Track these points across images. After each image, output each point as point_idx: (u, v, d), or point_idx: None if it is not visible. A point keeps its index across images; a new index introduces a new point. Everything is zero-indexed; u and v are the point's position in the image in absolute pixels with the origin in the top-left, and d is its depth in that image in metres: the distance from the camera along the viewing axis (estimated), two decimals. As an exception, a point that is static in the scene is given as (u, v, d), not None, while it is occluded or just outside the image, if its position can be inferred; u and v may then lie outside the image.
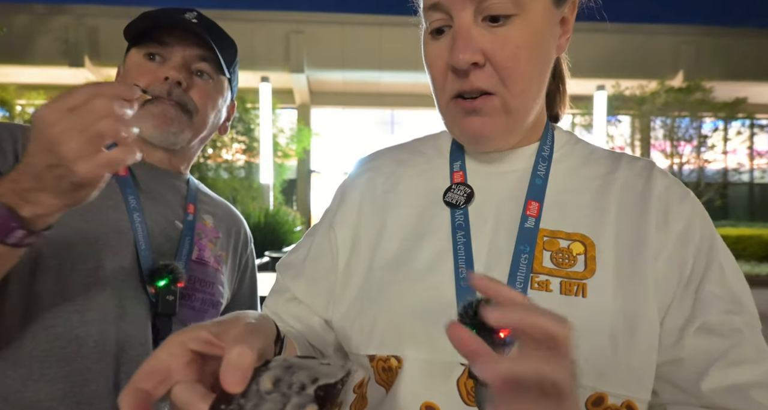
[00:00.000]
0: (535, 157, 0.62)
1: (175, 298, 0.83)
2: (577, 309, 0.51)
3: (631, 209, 0.57)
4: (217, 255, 0.97)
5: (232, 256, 1.01)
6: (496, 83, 0.54)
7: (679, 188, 0.60)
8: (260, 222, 7.78)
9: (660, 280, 0.54)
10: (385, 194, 0.66)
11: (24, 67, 10.80)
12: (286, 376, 0.36)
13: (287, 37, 11.66)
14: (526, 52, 0.54)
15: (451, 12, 0.54)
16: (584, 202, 0.58)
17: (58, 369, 0.73)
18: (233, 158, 10.68)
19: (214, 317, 0.90)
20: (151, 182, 0.91)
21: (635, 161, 0.62)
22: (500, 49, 0.53)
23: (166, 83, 0.86)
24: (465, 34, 0.53)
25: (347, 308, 0.61)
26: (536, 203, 0.57)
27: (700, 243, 0.56)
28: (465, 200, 0.60)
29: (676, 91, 11.06)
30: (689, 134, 11.66)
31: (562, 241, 0.55)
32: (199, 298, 0.90)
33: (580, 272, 0.53)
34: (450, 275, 0.55)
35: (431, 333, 0.52)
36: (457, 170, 0.63)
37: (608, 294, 0.52)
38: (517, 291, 0.38)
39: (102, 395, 0.75)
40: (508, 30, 0.53)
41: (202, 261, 0.93)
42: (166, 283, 0.81)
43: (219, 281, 0.95)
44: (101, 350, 0.76)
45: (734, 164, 12.78)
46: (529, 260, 0.54)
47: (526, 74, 0.55)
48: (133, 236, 0.82)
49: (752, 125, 12.90)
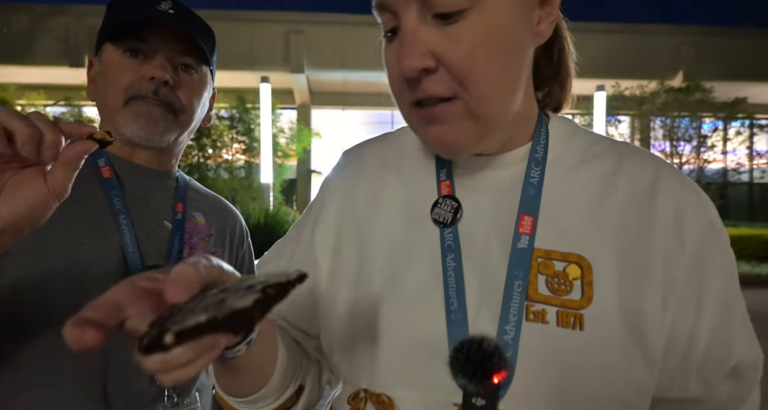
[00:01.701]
0: (528, 161, 0.55)
1: None
2: (574, 344, 0.47)
3: (635, 227, 0.50)
4: (210, 253, 0.94)
5: (228, 252, 1.00)
6: (455, 87, 0.47)
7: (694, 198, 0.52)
8: (260, 222, 7.77)
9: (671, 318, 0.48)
10: (368, 206, 0.60)
11: (24, 67, 10.78)
12: (237, 284, 0.35)
13: (287, 37, 11.65)
14: (484, 51, 0.46)
15: (396, 11, 0.48)
16: (582, 212, 0.52)
17: (48, 374, 0.73)
18: (233, 158, 10.68)
19: None
20: (137, 182, 0.88)
21: (640, 161, 0.54)
22: (452, 50, 0.46)
23: (152, 82, 0.83)
24: (410, 36, 0.46)
25: (337, 337, 0.57)
26: (530, 218, 0.51)
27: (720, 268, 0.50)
28: (452, 216, 0.54)
29: (676, 92, 11.06)
30: (689, 134, 11.65)
31: (558, 263, 0.49)
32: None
33: (576, 300, 0.48)
34: (440, 305, 0.50)
35: (423, 373, 0.50)
36: (444, 179, 0.57)
37: (607, 326, 0.47)
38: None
39: (94, 398, 0.75)
40: (461, 27, 0.46)
41: None
42: None
43: None
44: (90, 354, 0.74)
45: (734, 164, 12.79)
46: (523, 288, 0.48)
47: (487, 76, 0.47)
48: (119, 240, 0.81)
49: (752, 125, 12.90)
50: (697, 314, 0.49)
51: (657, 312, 0.48)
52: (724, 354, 0.49)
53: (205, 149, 9.99)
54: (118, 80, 0.84)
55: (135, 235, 0.82)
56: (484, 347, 0.45)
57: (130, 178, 0.88)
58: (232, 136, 10.49)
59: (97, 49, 0.89)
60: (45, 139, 0.50)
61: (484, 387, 0.45)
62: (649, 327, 0.47)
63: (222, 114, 10.44)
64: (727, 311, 0.50)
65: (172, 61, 0.86)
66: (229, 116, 10.52)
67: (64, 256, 0.75)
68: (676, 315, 0.48)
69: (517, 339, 0.47)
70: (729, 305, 0.50)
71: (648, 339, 0.47)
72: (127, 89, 0.84)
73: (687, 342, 0.49)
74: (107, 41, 0.86)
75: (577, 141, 0.57)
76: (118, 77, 0.84)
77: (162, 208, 0.90)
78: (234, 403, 0.57)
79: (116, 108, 0.84)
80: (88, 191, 0.81)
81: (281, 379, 0.56)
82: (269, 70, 11.24)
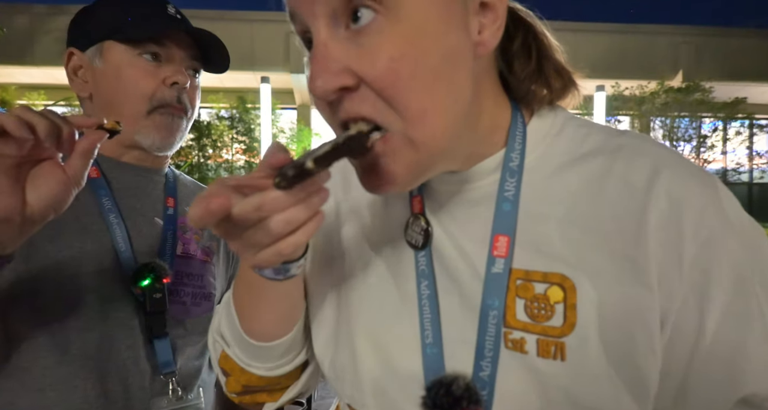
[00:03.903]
0: (501, 171, 0.48)
1: (163, 295, 0.81)
2: (555, 376, 0.43)
3: (626, 236, 0.43)
4: (205, 247, 0.94)
5: (224, 244, 0.99)
6: (381, 108, 0.41)
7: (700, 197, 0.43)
8: (260, 222, 7.78)
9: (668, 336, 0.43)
10: (348, 213, 0.59)
11: (24, 67, 10.78)
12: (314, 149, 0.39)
13: (287, 37, 11.64)
14: (407, 64, 0.39)
15: (305, 22, 0.42)
16: (564, 225, 0.45)
17: (45, 377, 0.72)
18: (233, 158, 10.68)
19: (207, 309, 0.91)
20: (125, 180, 0.88)
21: (636, 157, 0.46)
22: (370, 65, 0.39)
23: (174, 88, 0.84)
24: (321, 51, 0.40)
25: (323, 343, 0.57)
26: (505, 238, 0.46)
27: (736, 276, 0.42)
28: (423, 239, 0.50)
29: (676, 92, 11.05)
30: (689, 134, 11.65)
31: (538, 285, 0.44)
32: (188, 292, 0.88)
33: (557, 327, 0.43)
34: (415, 336, 0.48)
35: (397, 403, 0.49)
36: (416, 195, 0.53)
37: (590, 355, 0.42)
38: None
39: (91, 400, 0.74)
40: (375, 39, 0.39)
41: (188, 255, 0.90)
42: (150, 282, 0.79)
43: (209, 273, 0.93)
44: (86, 356, 0.75)
45: (733, 164, 12.79)
46: (498, 318, 0.45)
47: (417, 92, 0.40)
48: (111, 240, 0.80)
49: (752, 125, 12.89)
50: (697, 333, 0.42)
51: (652, 332, 0.42)
52: (731, 380, 0.42)
53: (205, 149, 9.99)
54: (137, 85, 0.83)
55: (127, 234, 0.82)
56: (453, 390, 0.43)
57: (118, 176, 0.87)
58: (233, 136, 10.49)
59: (89, 42, 0.85)
60: (63, 132, 0.54)
61: None
62: (640, 351, 0.42)
63: (222, 114, 10.45)
64: (738, 330, 0.42)
65: (186, 66, 0.87)
66: (229, 116, 10.52)
67: (55, 260, 0.75)
68: (674, 334, 0.42)
69: (494, 374, 0.44)
70: (742, 323, 0.42)
71: (639, 365, 0.42)
72: (151, 97, 0.83)
73: (686, 364, 0.43)
74: (111, 39, 0.83)
75: (562, 139, 0.50)
76: (137, 81, 0.83)
77: (152, 204, 0.90)
78: (247, 358, 0.57)
79: (137, 115, 0.83)
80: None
81: (298, 337, 0.58)
82: (269, 70, 11.23)
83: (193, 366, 0.88)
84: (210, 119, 10.28)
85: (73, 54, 0.87)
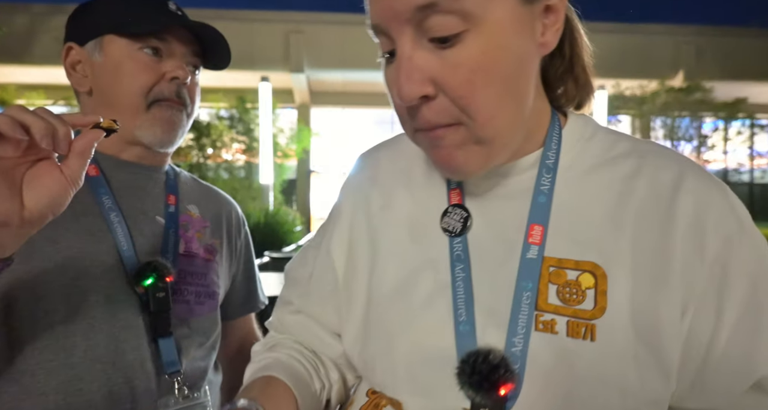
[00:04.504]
0: (539, 168, 0.53)
1: (167, 294, 0.80)
2: (584, 355, 0.46)
3: (653, 231, 0.48)
4: (207, 245, 0.93)
5: (226, 242, 0.98)
6: (457, 114, 0.46)
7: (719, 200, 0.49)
8: (260, 222, 7.77)
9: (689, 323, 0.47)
10: (380, 210, 0.61)
11: (24, 67, 10.77)
12: None
13: (287, 37, 11.64)
14: (483, 75, 0.44)
15: (391, 36, 0.46)
16: (597, 218, 0.50)
17: (49, 381, 0.71)
18: (233, 158, 10.67)
19: (211, 308, 0.91)
20: (125, 178, 0.86)
21: (663, 162, 0.51)
22: (451, 76, 0.44)
23: (173, 83, 0.83)
24: (406, 64, 0.45)
25: (353, 338, 0.59)
26: (539, 227, 0.50)
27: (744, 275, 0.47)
28: (462, 226, 0.54)
29: (676, 91, 11.05)
30: (689, 133, 11.65)
31: (570, 272, 0.48)
32: (192, 291, 0.87)
33: (588, 310, 0.47)
34: (449, 316, 0.51)
35: (431, 381, 0.50)
36: (454, 188, 0.57)
37: (620, 336, 0.46)
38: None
39: (97, 404, 0.73)
40: (459, 52, 0.44)
41: (190, 253, 0.89)
42: (153, 281, 0.78)
43: (213, 272, 0.92)
44: (90, 358, 0.74)
45: (734, 164, 12.78)
46: (531, 299, 0.48)
47: (488, 99, 0.45)
48: (113, 238, 0.79)
49: (752, 125, 12.88)
50: (716, 322, 0.46)
51: (674, 319, 0.46)
52: (745, 365, 0.47)
53: (204, 149, 9.99)
54: (137, 79, 0.82)
55: (128, 232, 0.81)
56: (490, 359, 0.45)
57: (118, 174, 0.85)
58: (232, 136, 10.48)
59: (88, 36, 0.84)
60: (58, 132, 0.53)
61: (491, 399, 0.45)
62: (665, 335, 0.46)
63: (222, 114, 10.44)
64: (753, 320, 0.46)
65: (187, 61, 0.86)
66: (229, 116, 10.51)
67: (57, 261, 0.74)
68: (693, 322, 0.46)
69: (525, 350, 0.47)
70: (756, 315, 0.46)
71: (664, 347, 0.46)
72: (149, 91, 0.82)
73: (705, 350, 0.47)
74: (111, 33, 0.83)
75: (594, 144, 0.55)
76: (136, 75, 0.82)
77: (153, 202, 0.88)
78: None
79: (136, 110, 0.82)
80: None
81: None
82: (269, 70, 11.23)
83: (199, 366, 0.87)
84: (209, 118, 10.26)
85: (72, 48, 0.86)
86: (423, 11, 0.43)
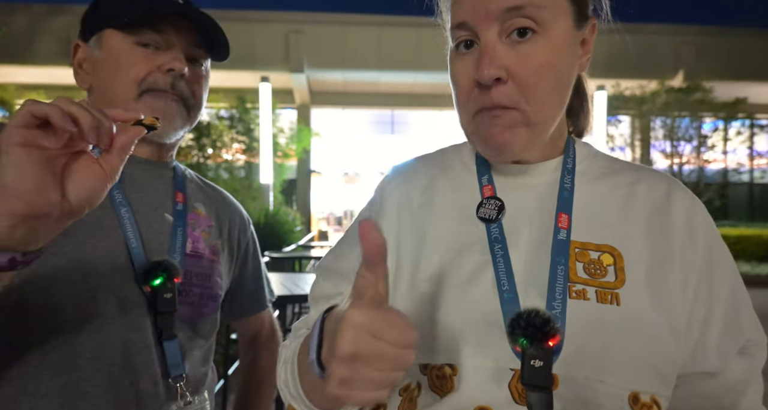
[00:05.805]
0: (561, 170, 0.64)
1: (174, 295, 0.78)
2: (612, 317, 0.55)
3: (655, 225, 0.60)
4: (212, 245, 0.91)
5: (228, 243, 0.96)
6: (517, 99, 0.57)
7: (701, 208, 0.63)
8: (260, 222, 7.76)
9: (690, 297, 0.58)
10: (422, 207, 0.68)
11: (24, 67, 10.79)
12: None
13: (287, 37, 11.65)
14: (547, 70, 0.56)
15: (477, 31, 0.57)
16: (610, 213, 0.61)
17: (52, 382, 0.69)
18: (233, 158, 10.66)
19: (213, 310, 0.90)
20: (133, 174, 0.83)
21: (655, 176, 0.65)
22: (523, 66, 0.56)
23: (169, 75, 0.80)
24: (491, 51, 0.56)
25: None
26: (566, 216, 0.60)
27: (725, 262, 0.61)
28: (497, 213, 0.62)
29: (676, 91, 11.06)
30: (689, 134, 11.65)
31: (592, 252, 0.58)
32: (197, 293, 0.85)
33: (611, 282, 0.56)
34: (492, 287, 0.58)
35: (481, 342, 0.56)
36: (486, 184, 0.66)
37: (639, 304, 0.55)
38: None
39: (101, 407, 0.71)
40: (530, 48, 0.56)
41: (197, 253, 0.87)
42: (162, 281, 0.76)
43: (216, 273, 0.90)
44: (98, 360, 0.71)
45: (734, 164, 12.79)
46: (565, 271, 0.57)
47: (546, 90, 0.57)
48: (123, 234, 0.77)
49: (752, 125, 12.89)
50: (711, 296, 0.58)
51: (678, 292, 0.57)
52: (736, 331, 0.59)
53: (204, 149, 9.98)
54: (130, 70, 0.79)
55: (137, 229, 0.79)
56: (541, 314, 0.51)
57: (126, 170, 0.82)
58: (232, 136, 10.48)
59: (91, 32, 0.83)
60: (103, 125, 0.53)
61: (542, 350, 0.51)
62: (673, 305, 0.56)
63: (222, 114, 10.44)
64: (735, 296, 0.60)
65: (186, 54, 0.83)
66: (229, 116, 10.51)
67: (68, 256, 0.72)
68: (694, 295, 0.58)
69: (564, 312, 0.55)
70: (736, 293, 0.60)
71: (673, 315, 0.56)
72: (141, 81, 0.80)
73: (704, 319, 0.58)
74: (110, 27, 0.81)
75: (599, 159, 0.68)
76: (130, 67, 0.79)
77: (162, 199, 0.86)
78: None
79: (127, 100, 0.79)
80: None
81: None
82: (269, 70, 11.24)
83: (200, 370, 0.86)
84: (209, 118, 10.26)
85: (79, 46, 0.85)
86: (510, 12, 0.55)
